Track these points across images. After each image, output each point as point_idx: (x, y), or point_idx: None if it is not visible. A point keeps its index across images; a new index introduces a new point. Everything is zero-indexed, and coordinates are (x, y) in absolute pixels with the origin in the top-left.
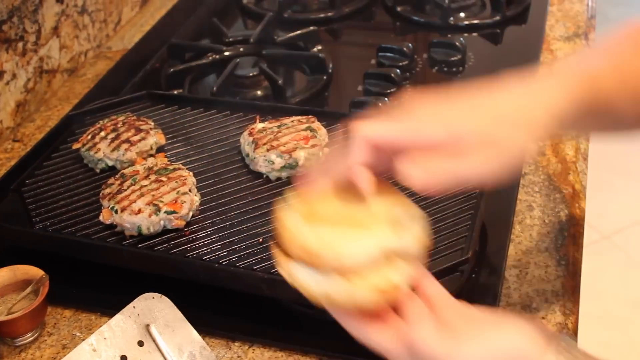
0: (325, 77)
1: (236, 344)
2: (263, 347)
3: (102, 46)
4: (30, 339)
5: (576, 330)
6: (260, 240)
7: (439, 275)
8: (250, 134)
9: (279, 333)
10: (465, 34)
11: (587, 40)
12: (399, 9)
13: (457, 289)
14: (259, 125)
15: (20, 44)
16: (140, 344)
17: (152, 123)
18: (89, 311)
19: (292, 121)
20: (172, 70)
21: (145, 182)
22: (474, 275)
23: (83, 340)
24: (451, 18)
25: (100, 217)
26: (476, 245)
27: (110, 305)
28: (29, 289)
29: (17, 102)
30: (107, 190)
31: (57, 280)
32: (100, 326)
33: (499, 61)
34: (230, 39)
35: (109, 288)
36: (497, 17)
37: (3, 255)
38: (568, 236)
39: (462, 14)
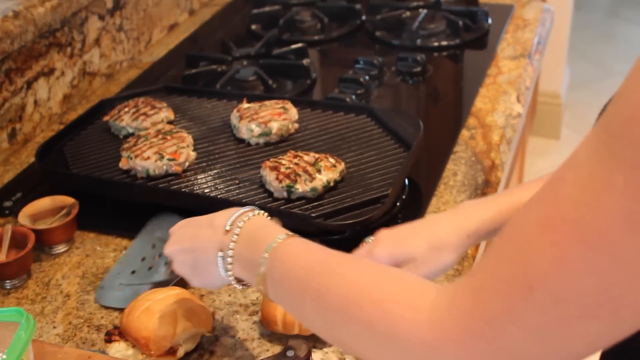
0: (308, 82)
1: None
2: None
3: (134, 59)
4: (63, 249)
5: (474, 256)
6: (237, 182)
7: (370, 203)
8: (238, 110)
9: None
10: (435, 53)
11: (531, 60)
12: (377, 33)
13: (381, 215)
14: (245, 105)
15: (69, 49)
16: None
17: (165, 104)
18: (107, 234)
19: (271, 102)
20: (186, 73)
21: (154, 140)
22: (400, 215)
23: (102, 252)
24: (418, 40)
25: (120, 164)
26: (398, 187)
27: (123, 230)
28: (64, 211)
29: (64, 95)
30: (126, 145)
31: (85, 211)
32: (115, 244)
33: (454, 74)
34: (237, 54)
35: (123, 217)
36: (457, 41)
37: (48, 191)
38: (481, 193)
39: (432, 38)
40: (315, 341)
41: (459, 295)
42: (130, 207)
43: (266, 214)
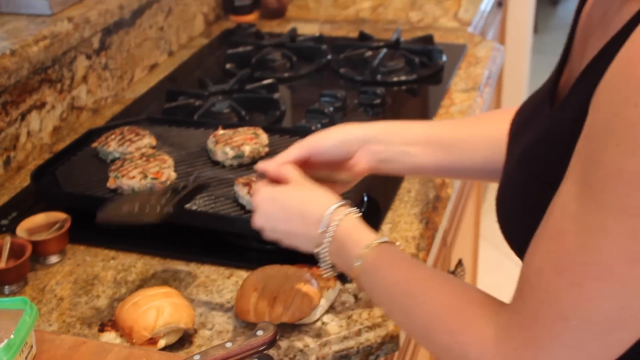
0: (278, 113)
1: (191, 264)
2: (210, 265)
3: (118, 95)
4: (56, 260)
5: (427, 257)
6: (213, 198)
7: None
8: (214, 136)
9: (220, 255)
10: (394, 88)
11: (480, 92)
12: (342, 70)
13: None
14: (221, 132)
15: (59, 85)
16: None
17: (148, 131)
18: (96, 246)
19: (244, 129)
20: (166, 106)
21: (139, 161)
22: None
23: (92, 262)
24: (379, 76)
25: (108, 184)
26: (356, 199)
27: (111, 243)
28: (57, 226)
29: (54, 127)
30: (113, 167)
31: (76, 226)
32: (103, 255)
33: (411, 106)
34: (213, 90)
35: (110, 231)
36: (414, 76)
37: (42, 210)
38: (432, 208)
39: (391, 74)
40: (282, 331)
41: (513, 329)
42: None
43: (355, 210)
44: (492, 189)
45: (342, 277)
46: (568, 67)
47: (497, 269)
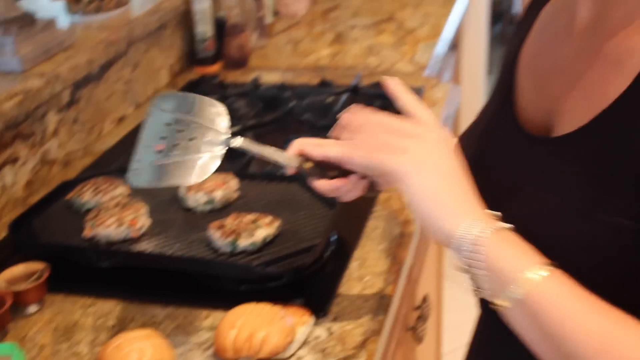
0: (246, 159)
1: (169, 307)
2: (187, 308)
3: (88, 147)
4: (35, 309)
5: (392, 294)
6: (188, 242)
7: (303, 252)
8: None
9: (196, 297)
10: None
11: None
12: (305, 116)
13: (312, 262)
14: None
15: (31, 139)
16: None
17: (121, 181)
18: (75, 294)
19: (214, 175)
20: None
21: (114, 210)
22: (329, 261)
23: (71, 309)
24: None
25: (84, 233)
26: (325, 238)
27: (89, 290)
28: (35, 275)
29: (27, 180)
30: (89, 216)
31: (55, 275)
32: (82, 302)
33: None
34: None
35: (89, 279)
36: None
37: (22, 259)
38: (397, 244)
39: None
40: None
41: None
42: (95, 269)
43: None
44: None
45: (315, 313)
46: (524, 97)
47: (461, 307)
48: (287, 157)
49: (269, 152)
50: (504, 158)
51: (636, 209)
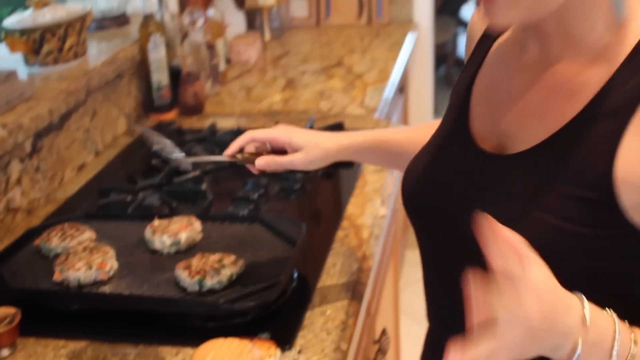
0: (206, 203)
1: (139, 345)
2: (157, 346)
3: (50, 195)
4: (7, 353)
5: (353, 327)
6: (156, 283)
7: (266, 289)
8: (151, 226)
9: (166, 335)
10: (312, 173)
11: (390, 173)
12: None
13: (275, 298)
14: (157, 222)
15: None
16: None
17: (87, 226)
18: (46, 337)
19: (178, 218)
20: (100, 202)
21: (83, 254)
22: (292, 296)
23: (43, 352)
24: None
25: (54, 277)
26: (288, 274)
27: (61, 333)
28: (7, 320)
29: None
30: (59, 260)
31: (26, 320)
32: (53, 345)
33: (329, 188)
34: (142, 185)
35: (60, 322)
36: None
37: None
38: (356, 279)
39: None
40: None
41: None
42: (66, 312)
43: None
44: (409, 264)
45: (282, 346)
46: (478, 122)
47: (418, 342)
48: (226, 155)
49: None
50: (459, 172)
51: (584, 215)
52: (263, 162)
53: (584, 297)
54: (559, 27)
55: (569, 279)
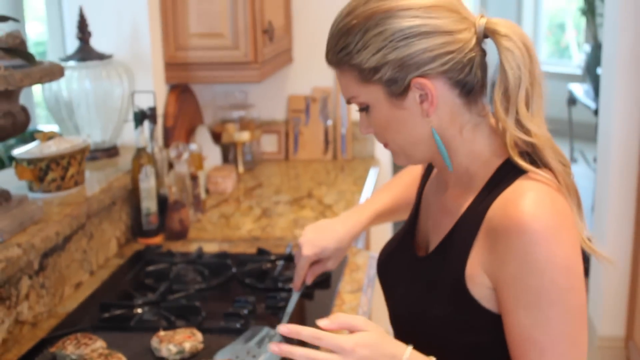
0: (200, 317)
1: None
2: None
3: (52, 310)
4: None
5: None
6: None
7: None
8: (157, 336)
9: None
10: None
11: (364, 292)
12: (247, 280)
13: None
14: (162, 333)
15: (7, 302)
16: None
17: (97, 336)
18: None
19: (182, 329)
20: (102, 316)
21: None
22: None
23: None
24: (280, 283)
25: None
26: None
27: None
28: None
29: (3, 339)
30: None
31: None
32: None
33: (307, 307)
34: (140, 301)
35: None
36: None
37: None
38: None
39: (288, 281)
40: None
41: None
42: None
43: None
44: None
45: None
46: (421, 226)
47: None
48: (298, 291)
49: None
50: (402, 271)
51: (449, 309)
52: (313, 277)
53: (410, 349)
54: (442, 166)
55: (449, 347)
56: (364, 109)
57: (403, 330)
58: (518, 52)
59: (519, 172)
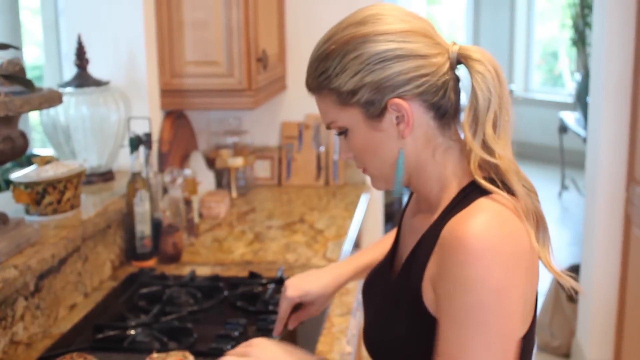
0: (192, 339)
1: None
2: None
3: (46, 331)
4: None
5: None
6: None
7: None
8: (150, 358)
9: None
10: None
11: (353, 315)
12: (238, 303)
13: None
14: (155, 355)
15: (3, 322)
16: None
17: (92, 356)
18: None
19: (175, 352)
20: (97, 337)
21: None
22: None
23: None
24: (270, 306)
25: None
26: None
27: None
28: None
29: None
30: None
31: None
32: None
33: (296, 330)
34: (133, 323)
35: None
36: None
37: None
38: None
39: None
40: None
41: None
42: None
43: None
44: None
45: None
46: (399, 250)
47: None
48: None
49: None
50: (376, 293)
51: (410, 327)
52: (296, 323)
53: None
54: (415, 189)
55: (414, 353)
56: (343, 132)
57: (372, 352)
58: (489, 76)
59: (482, 193)
